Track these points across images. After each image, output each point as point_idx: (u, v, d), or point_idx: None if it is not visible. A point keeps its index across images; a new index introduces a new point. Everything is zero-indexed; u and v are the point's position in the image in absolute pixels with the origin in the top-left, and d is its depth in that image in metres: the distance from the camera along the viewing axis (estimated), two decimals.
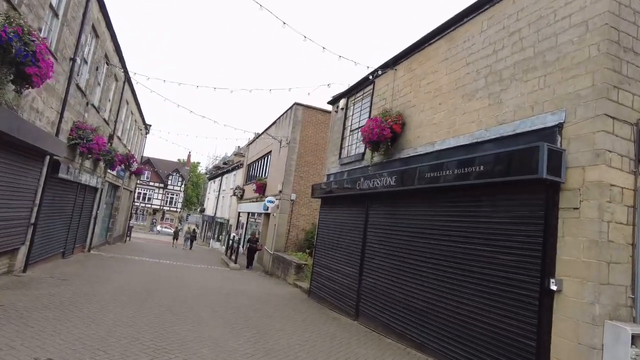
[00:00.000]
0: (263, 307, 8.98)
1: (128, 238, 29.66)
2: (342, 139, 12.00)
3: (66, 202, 11.17)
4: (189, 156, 76.27)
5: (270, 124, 21.65)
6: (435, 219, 7.10)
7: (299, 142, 18.15)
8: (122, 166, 18.37)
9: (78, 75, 9.98)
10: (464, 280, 6.16)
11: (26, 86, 6.09)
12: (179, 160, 76.96)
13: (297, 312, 9.15)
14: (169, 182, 67.47)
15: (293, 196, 17.69)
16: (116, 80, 14.75)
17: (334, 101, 13.25)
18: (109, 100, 14.42)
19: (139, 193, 64.19)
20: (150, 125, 27.47)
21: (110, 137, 14.91)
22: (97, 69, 11.49)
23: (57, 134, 8.91)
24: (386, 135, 8.54)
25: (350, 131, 11.76)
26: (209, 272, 14.91)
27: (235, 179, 34.34)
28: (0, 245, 7.30)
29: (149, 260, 15.85)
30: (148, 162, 65.41)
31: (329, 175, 12.27)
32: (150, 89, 24.68)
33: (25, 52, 5.57)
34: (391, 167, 8.78)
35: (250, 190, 24.85)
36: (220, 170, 44.52)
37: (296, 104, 18.36)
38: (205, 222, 48.78)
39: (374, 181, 8.77)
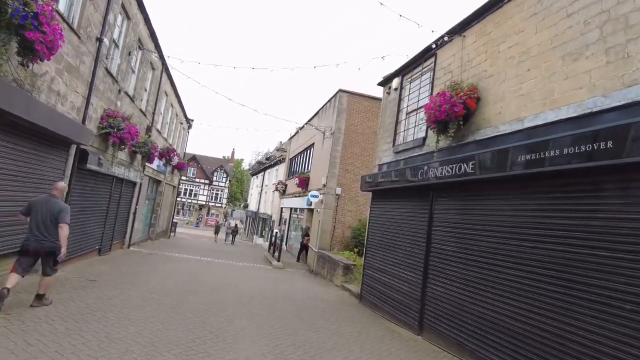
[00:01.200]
0: (310, 317, 7.74)
1: (172, 234, 29.75)
2: (397, 123, 10.51)
3: (100, 196, 10.52)
4: (232, 153, 77.42)
5: (312, 114, 20.45)
6: (533, 215, 5.49)
7: (344, 132, 16.78)
8: (163, 160, 17.89)
9: (107, 58, 9.19)
10: (585, 298, 4.55)
11: (31, 57, 5.16)
12: (223, 157, 78.09)
13: (349, 322, 7.84)
14: (214, 179, 68.48)
15: (338, 190, 16.38)
16: (153, 69, 14.08)
17: (385, 82, 11.76)
18: (146, 90, 13.76)
19: (185, 189, 65.67)
20: (192, 120, 27.18)
21: (148, 129, 14.30)
22: (129, 54, 10.73)
23: (83, 121, 8.13)
24: (458, 112, 6.98)
25: (407, 114, 10.24)
26: (251, 270, 13.96)
27: (278, 174, 33.58)
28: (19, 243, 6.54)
29: (190, 257, 15.17)
30: (194, 158, 66.78)
31: (380, 166, 10.83)
32: (186, 75, 24.18)
33: (24, 13, 4.61)
34: (464, 151, 7.22)
35: (292, 185, 23.84)
36: (262, 166, 44.12)
37: (340, 90, 16.99)
38: (248, 218, 48.73)
39: (441, 169, 7.25)
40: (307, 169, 20.96)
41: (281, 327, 6.60)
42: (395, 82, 10.90)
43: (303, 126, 20.18)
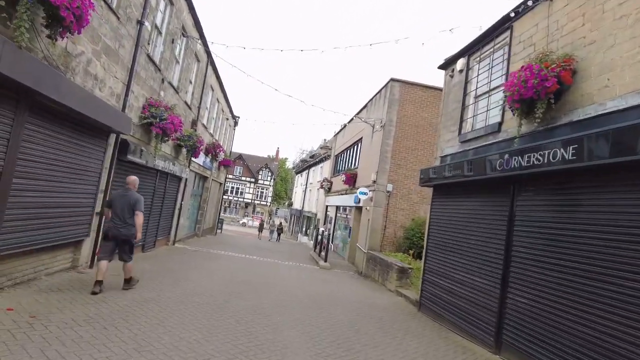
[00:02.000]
0: (365, 327, 6.77)
1: (219, 230, 29.86)
2: (463, 109, 9.26)
3: (143, 190, 10.11)
4: (277, 152, 77.87)
5: (361, 107, 19.38)
6: None
7: (396, 124, 15.60)
8: (209, 156, 17.61)
9: (149, 44, 8.72)
10: None
11: (60, 30, 4.57)
12: (268, 156, 78.79)
13: (411, 335, 6.77)
14: (259, 177, 69.20)
15: (389, 187, 15.24)
16: (198, 60, 13.68)
17: (447, 64, 10.50)
18: (191, 82, 13.38)
19: (232, 187, 66.85)
20: (238, 117, 27.02)
21: (194, 123, 13.93)
22: (172, 42, 10.26)
23: (123, 108, 7.65)
24: (549, 87, 5.71)
25: (475, 98, 8.98)
26: (297, 270, 13.18)
27: (322, 171, 32.82)
28: (55, 236, 6.10)
29: (235, 255, 14.68)
30: (240, 157, 67.84)
31: (443, 158, 9.61)
32: (231, 64, 23.76)
33: None
34: (555, 135, 5.93)
35: (338, 182, 22.92)
36: (306, 164, 43.61)
37: (392, 80, 15.82)
38: (293, 216, 48.46)
39: (527, 158, 5.99)
40: (354, 165, 19.95)
41: (335, 340, 5.68)
42: (460, 63, 9.64)
43: (352, 119, 19.15)
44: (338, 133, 27.24)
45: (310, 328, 6.12)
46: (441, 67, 10.88)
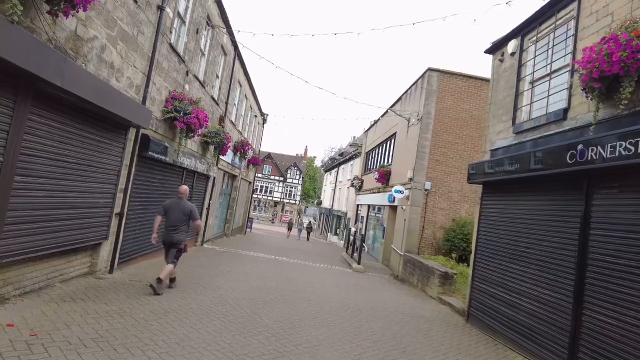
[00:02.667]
0: (412, 345, 5.90)
1: (249, 230, 29.56)
2: (517, 96, 8.19)
3: (168, 189, 9.63)
4: (305, 150, 77.44)
5: (394, 100, 18.35)
6: None
7: (434, 117, 14.52)
8: (238, 154, 17.12)
9: (171, 32, 8.15)
10: None
11: (62, 4, 3.97)
12: (296, 154, 78.48)
13: (465, 354, 5.86)
14: (288, 176, 69.00)
15: (427, 185, 14.20)
16: (224, 54, 13.13)
17: (495, 47, 9.42)
18: (217, 76, 12.84)
19: (261, 186, 66.96)
20: (266, 114, 26.55)
21: (221, 120, 13.41)
22: (197, 32, 9.68)
23: (144, 101, 7.09)
24: None
25: (532, 83, 7.89)
26: (329, 274, 12.41)
27: (353, 169, 31.92)
28: (67, 240, 5.58)
29: (264, 256, 14.07)
30: (269, 156, 67.85)
31: (494, 152, 8.57)
32: (258, 55, 22.63)
33: None
34: None
35: (370, 180, 21.98)
36: (335, 162, 42.79)
37: (430, 69, 14.74)
38: (322, 215, 47.78)
39: (612, 148, 4.94)
40: (388, 161, 18.95)
41: None
42: (512, 46, 8.56)
43: (386, 112, 18.16)
44: (369, 129, 26.28)
45: (351, 346, 5.32)
46: (488, 51, 9.79)
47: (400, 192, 14.55)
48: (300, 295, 8.22)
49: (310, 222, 36.67)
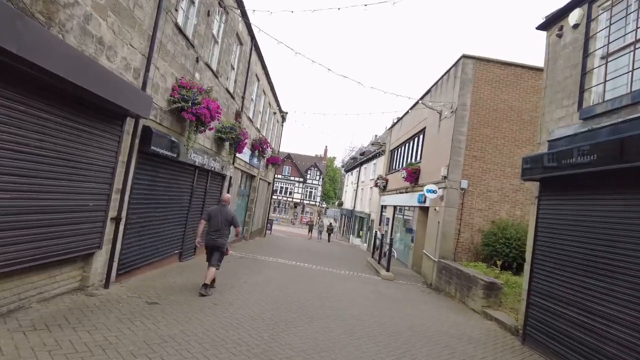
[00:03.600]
0: None
1: (269, 232, 28.64)
2: (584, 75, 6.82)
3: (178, 190, 8.67)
4: (325, 151, 76.47)
5: (423, 92, 16.98)
6: None
7: (470, 109, 13.14)
8: (256, 153, 16.14)
9: (177, 10, 7.14)
10: None
11: None
12: (316, 155, 77.49)
13: None
14: (308, 177, 68.06)
15: (464, 183, 12.83)
16: (240, 43, 12.13)
17: (551, 21, 8.06)
18: (233, 67, 11.86)
19: (281, 187, 66.21)
20: (286, 113, 25.56)
21: (238, 115, 12.42)
22: (208, 14, 8.68)
23: (143, 87, 6.10)
24: None
25: (605, 57, 6.51)
26: (356, 283, 11.22)
27: (376, 168, 30.60)
28: (47, 250, 4.59)
29: (285, 262, 12.99)
30: (288, 157, 67.08)
31: (553, 142, 7.23)
32: (277, 40, 21.45)
33: None
34: None
35: (396, 179, 20.68)
36: (357, 162, 41.51)
37: (464, 56, 13.38)
38: (343, 216, 46.57)
39: None
40: (417, 159, 17.61)
41: None
42: (575, 16, 7.20)
43: (416, 103, 16.79)
44: (393, 126, 24.95)
45: None
46: (541, 27, 8.43)
47: (433, 191, 13.23)
48: (327, 311, 7.07)
49: (330, 223, 36.04)
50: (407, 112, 20.81)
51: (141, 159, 6.58)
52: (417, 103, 16.98)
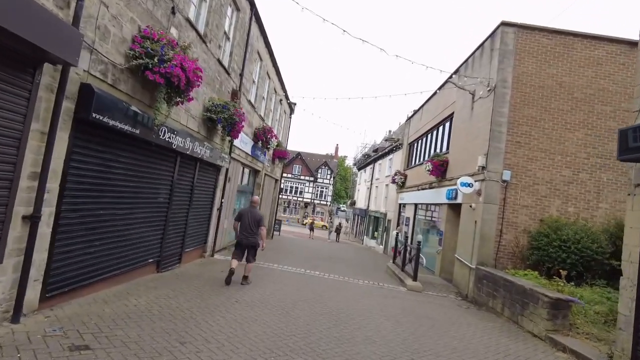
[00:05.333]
0: None
1: (277, 233, 26.69)
2: None
3: (151, 181, 6.72)
4: (336, 149, 74.48)
5: (453, 70, 14.75)
6: None
7: (512, 86, 10.97)
8: (259, 144, 14.17)
9: None
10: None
11: None
12: (327, 153, 75.46)
13: None
14: (318, 176, 66.09)
15: (506, 175, 10.67)
16: (237, 8, 10.16)
17: None
18: (227, 36, 9.90)
19: (291, 186, 64.32)
20: (294, 104, 23.58)
21: (234, 94, 10.45)
22: None
23: (75, 22, 4.12)
24: None
25: None
26: (378, 298, 9.15)
27: (392, 164, 28.43)
28: None
29: (290, 270, 10.96)
30: (298, 155, 65.17)
31: None
32: None
33: None
34: None
35: (417, 174, 18.55)
36: (370, 158, 39.33)
37: (503, 24, 11.21)
38: (356, 216, 44.40)
39: None
40: (442, 149, 15.44)
41: None
42: None
43: (445, 82, 14.58)
44: (411, 117, 22.79)
45: None
46: None
47: (469, 185, 11.07)
48: (345, 347, 5.02)
49: (340, 223, 36.73)
50: (428, 100, 18.68)
51: (83, 132, 4.64)
52: (443, 85, 14.82)
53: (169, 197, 7.55)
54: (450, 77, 13.98)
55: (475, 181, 11.11)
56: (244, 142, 12.23)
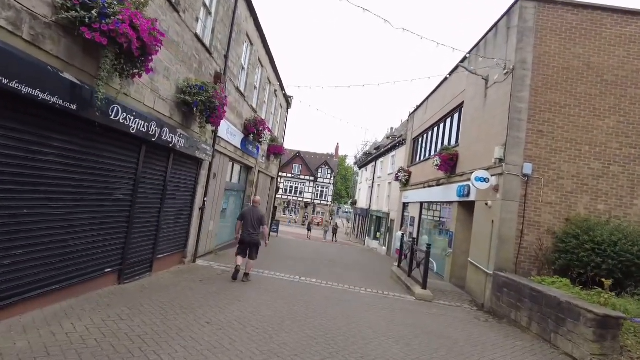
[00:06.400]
0: None
1: (275, 234, 25.44)
2: None
3: (105, 174, 5.45)
4: (337, 148, 73.26)
5: (466, 52, 13.39)
6: None
7: (533, 68, 9.69)
8: (250, 137, 12.90)
9: None
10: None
11: None
12: (327, 153, 74.19)
13: None
14: (319, 175, 64.81)
15: (527, 168, 9.39)
16: None
17: None
18: (207, 8, 8.63)
19: (291, 186, 63.05)
20: (291, 97, 22.32)
21: (217, 78, 9.18)
22: None
23: None
24: None
25: None
26: (383, 310, 7.86)
27: (394, 161, 27.17)
28: None
29: (284, 278, 9.66)
30: (298, 155, 63.90)
31: None
32: None
33: None
34: None
35: (422, 171, 17.29)
36: (371, 156, 38.06)
37: None
38: (357, 216, 43.11)
39: None
40: (451, 142, 14.16)
41: None
42: None
43: (456, 67, 13.26)
44: (415, 111, 21.51)
45: None
46: None
47: (484, 179, 9.78)
48: None
49: (336, 223, 38.66)
50: (434, 91, 17.40)
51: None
52: (453, 71, 13.54)
53: (132, 193, 6.28)
54: (463, 60, 12.68)
55: (492, 175, 9.82)
56: (231, 133, 10.96)
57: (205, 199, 9.54)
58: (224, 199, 11.99)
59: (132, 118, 5.54)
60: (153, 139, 6.26)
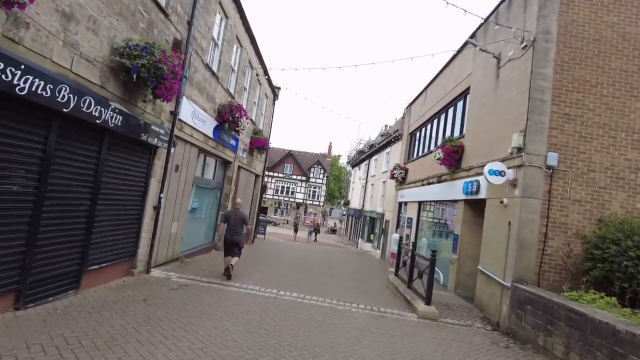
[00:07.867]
0: None
1: (262, 236, 23.70)
2: None
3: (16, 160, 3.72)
4: (329, 147, 71.50)
5: (471, 33, 11.74)
6: None
7: (557, 40, 8.11)
8: (225, 125, 11.16)
9: None
10: None
11: None
12: (320, 152, 72.47)
13: None
14: (311, 175, 63.05)
15: (552, 158, 7.80)
16: None
17: None
18: None
19: (282, 187, 61.19)
20: (279, 88, 20.63)
21: (176, 46, 7.46)
22: None
23: None
24: None
25: None
26: (378, 340, 6.17)
27: (389, 158, 25.57)
28: None
29: (257, 292, 7.91)
30: (289, 154, 62.10)
31: None
32: None
33: None
34: None
35: (420, 167, 15.70)
36: (364, 154, 36.44)
37: None
38: (350, 217, 41.45)
39: None
40: (456, 133, 12.55)
41: None
42: None
43: (465, 44, 11.59)
44: (412, 103, 19.93)
45: None
46: None
47: (499, 173, 8.16)
48: None
49: (318, 223, 40.93)
50: (434, 79, 15.83)
51: None
52: (459, 51, 11.94)
53: (38, 185, 4.55)
54: (472, 36, 11.07)
55: (509, 168, 8.21)
56: (199, 118, 9.24)
57: (162, 195, 7.80)
58: (192, 197, 10.25)
59: (21, 74, 3.81)
60: (65, 110, 4.53)
